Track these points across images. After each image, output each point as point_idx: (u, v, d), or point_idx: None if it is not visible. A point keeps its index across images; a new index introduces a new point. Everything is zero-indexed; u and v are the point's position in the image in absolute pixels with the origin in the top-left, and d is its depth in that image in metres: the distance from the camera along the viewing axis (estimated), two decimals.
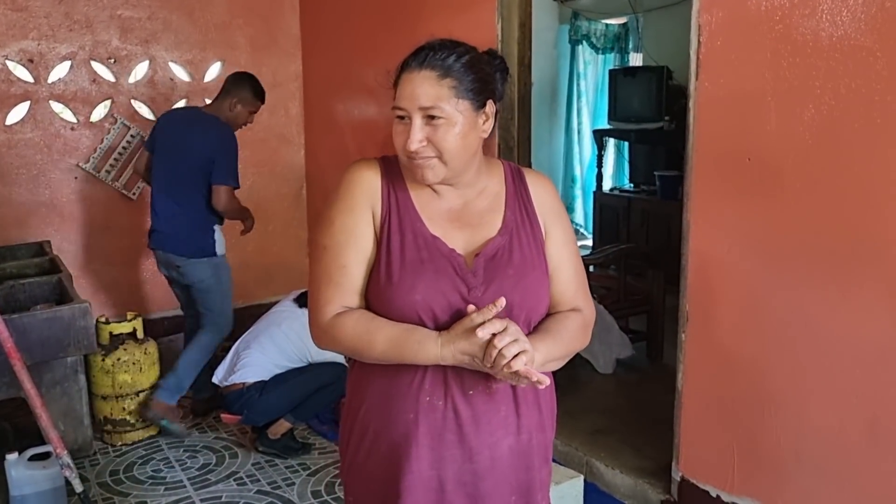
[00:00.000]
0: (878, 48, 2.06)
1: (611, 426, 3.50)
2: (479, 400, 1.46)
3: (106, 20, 4.36)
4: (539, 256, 1.52)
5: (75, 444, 3.42)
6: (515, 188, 1.57)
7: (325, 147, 4.94)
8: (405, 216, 1.48)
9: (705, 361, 2.66)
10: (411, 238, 1.46)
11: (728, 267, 2.54)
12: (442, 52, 1.43)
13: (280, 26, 4.93)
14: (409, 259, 1.44)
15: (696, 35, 2.52)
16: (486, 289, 1.44)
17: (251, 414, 3.45)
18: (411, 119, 1.41)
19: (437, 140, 1.40)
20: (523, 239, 1.51)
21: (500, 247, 1.49)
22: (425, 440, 1.45)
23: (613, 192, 6.99)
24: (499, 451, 1.49)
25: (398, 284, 1.42)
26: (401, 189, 1.50)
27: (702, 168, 2.58)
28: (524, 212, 1.55)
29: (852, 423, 2.25)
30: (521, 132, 3.42)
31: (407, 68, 1.43)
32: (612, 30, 7.93)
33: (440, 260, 1.45)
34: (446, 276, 1.43)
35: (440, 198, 1.51)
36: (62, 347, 3.24)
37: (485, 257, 1.47)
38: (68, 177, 4.38)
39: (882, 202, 2.12)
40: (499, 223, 1.52)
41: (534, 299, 1.49)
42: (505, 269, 1.46)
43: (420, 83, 1.40)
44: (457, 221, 1.51)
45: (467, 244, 1.49)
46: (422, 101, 1.40)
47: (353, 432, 1.56)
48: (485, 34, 3.39)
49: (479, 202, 1.53)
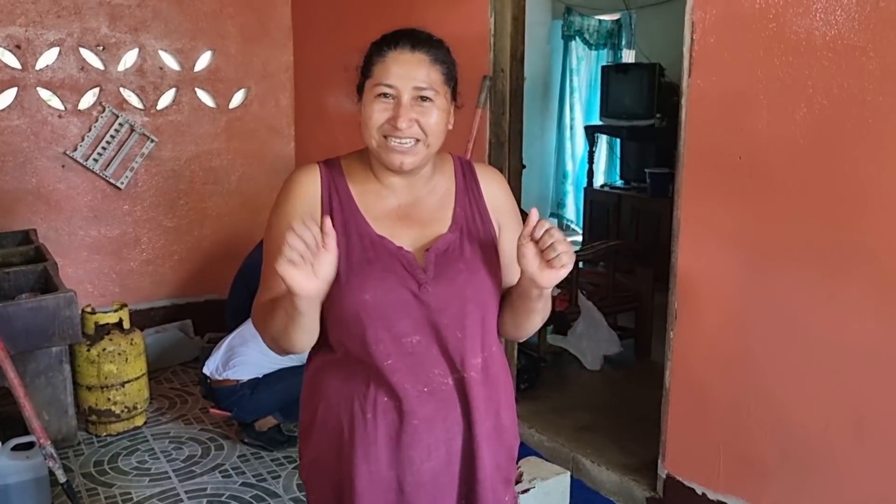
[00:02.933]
0: (872, 48, 2.06)
1: (597, 423, 3.50)
2: (434, 398, 1.45)
3: (95, 7, 4.31)
4: (491, 251, 1.51)
5: (59, 434, 3.40)
6: (466, 183, 1.55)
7: (315, 139, 4.92)
8: (349, 218, 1.46)
9: (693, 359, 2.66)
10: (357, 239, 1.44)
11: (717, 265, 2.54)
12: (429, 39, 1.45)
13: (271, 16, 4.90)
14: (356, 260, 1.42)
15: (690, 32, 2.51)
16: (438, 285, 1.42)
17: (241, 412, 3.43)
18: (398, 98, 1.40)
19: (425, 122, 1.41)
20: (474, 234, 1.50)
21: (450, 242, 1.47)
22: (383, 440, 1.44)
23: (604, 188, 6.99)
24: (455, 447, 1.48)
25: (346, 285, 1.40)
26: (343, 191, 1.48)
27: (693, 166, 2.58)
28: (475, 207, 1.53)
29: (838, 423, 2.26)
30: (513, 127, 3.41)
31: (396, 48, 1.42)
32: (605, 26, 7.93)
33: (388, 258, 1.43)
34: (395, 274, 1.41)
35: (388, 195, 1.50)
36: (47, 337, 3.21)
37: (435, 252, 1.45)
38: (55, 164, 4.33)
39: (872, 203, 2.12)
40: (449, 219, 1.50)
41: (487, 294, 1.48)
42: (456, 265, 1.45)
43: (416, 64, 1.41)
44: (405, 219, 1.49)
45: (416, 241, 1.47)
46: (418, 80, 1.40)
47: (311, 432, 1.54)
48: (477, 28, 3.37)
49: (429, 198, 1.52)
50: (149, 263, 4.68)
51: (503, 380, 1.57)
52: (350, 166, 1.52)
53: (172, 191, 4.70)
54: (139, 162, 4.53)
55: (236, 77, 4.82)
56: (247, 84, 4.86)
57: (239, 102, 4.85)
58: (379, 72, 1.42)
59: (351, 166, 1.52)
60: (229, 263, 4.32)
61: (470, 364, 1.46)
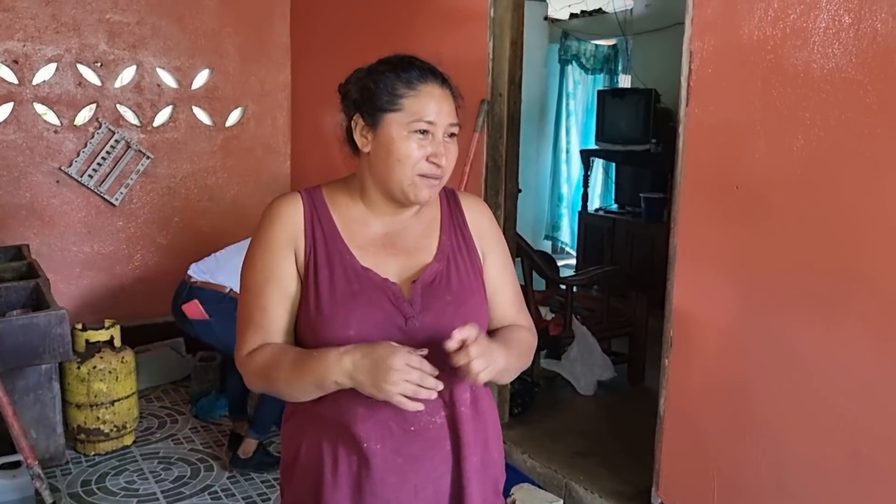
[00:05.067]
0: (869, 82, 2.07)
1: (591, 449, 3.48)
2: (420, 437, 1.40)
3: (94, 24, 4.32)
4: (477, 281, 1.49)
5: (47, 452, 3.36)
6: (451, 212, 1.54)
7: (311, 158, 4.92)
8: (333, 249, 1.42)
9: (688, 387, 2.65)
10: (341, 271, 1.40)
11: (713, 294, 2.54)
12: (443, 73, 1.45)
13: (270, 35, 4.92)
14: (340, 292, 1.38)
15: (688, 62, 2.52)
16: (424, 318, 1.39)
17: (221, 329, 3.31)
18: (434, 134, 1.39)
19: (448, 158, 1.41)
20: (460, 264, 1.48)
21: (437, 273, 1.44)
22: (366, 482, 1.38)
23: (598, 212, 7.00)
24: (443, 485, 1.44)
25: (330, 319, 1.37)
26: (326, 221, 1.44)
27: (690, 194, 2.58)
28: (460, 236, 1.51)
29: (834, 455, 2.25)
30: (510, 151, 3.41)
31: (426, 82, 1.40)
32: (602, 51, 7.97)
33: (374, 291, 1.39)
34: (380, 308, 1.38)
35: (373, 223, 1.47)
36: (37, 355, 3.18)
37: (422, 284, 1.42)
38: (50, 180, 4.33)
39: (868, 236, 2.12)
40: (434, 248, 1.48)
41: None
42: (443, 296, 1.42)
43: (446, 99, 1.41)
44: (391, 248, 1.46)
45: (402, 271, 1.44)
46: (451, 117, 1.41)
47: (293, 473, 1.48)
48: (476, 52, 3.38)
49: (415, 227, 1.49)
50: (142, 281, 4.66)
51: (490, 413, 1.53)
52: (333, 195, 1.49)
53: (167, 208, 4.69)
54: (134, 178, 4.52)
55: (233, 95, 4.83)
56: (244, 102, 4.87)
57: (236, 121, 4.86)
58: (414, 107, 1.38)
59: (334, 195, 1.49)
60: None
61: (460, 399, 1.43)
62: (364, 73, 1.45)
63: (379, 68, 1.43)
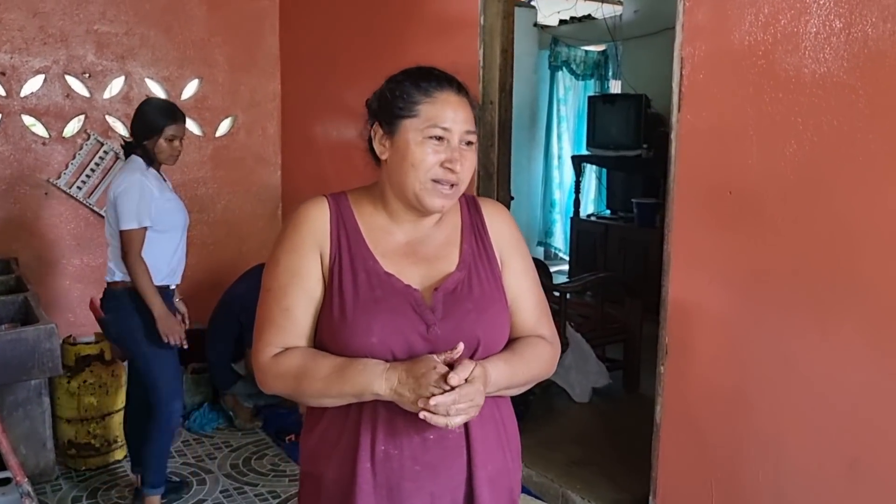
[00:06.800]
0: (861, 86, 2.07)
1: (587, 457, 3.46)
2: (438, 445, 1.40)
3: (82, 35, 4.29)
4: (498, 290, 1.48)
5: (37, 468, 3.33)
6: (471, 220, 1.53)
7: (302, 168, 4.89)
8: (356, 254, 1.43)
9: (684, 395, 2.63)
10: (364, 277, 1.40)
11: (708, 300, 2.52)
12: (460, 82, 1.45)
13: (259, 45, 4.89)
14: (363, 298, 1.38)
15: (679, 68, 2.51)
16: (446, 326, 1.39)
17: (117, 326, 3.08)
18: (450, 141, 1.39)
19: (467, 166, 1.41)
20: (482, 272, 1.47)
21: (459, 281, 1.44)
22: (382, 491, 1.38)
23: (591, 218, 7.00)
24: (460, 494, 1.43)
25: (353, 324, 1.36)
26: (351, 227, 1.45)
27: (683, 200, 2.57)
28: (481, 244, 1.51)
29: (832, 463, 2.23)
30: (502, 159, 3.40)
31: (442, 89, 1.41)
32: (592, 56, 7.99)
33: (396, 297, 1.39)
34: (403, 315, 1.38)
35: (396, 232, 1.47)
36: (25, 370, 3.14)
37: (444, 292, 1.42)
38: (38, 192, 4.29)
39: (863, 240, 2.11)
40: (456, 257, 1.48)
41: (495, 334, 1.45)
42: (464, 304, 1.42)
43: (462, 107, 1.42)
44: (412, 256, 1.46)
45: (424, 279, 1.44)
46: (467, 124, 1.41)
47: (310, 484, 1.48)
48: (467, 59, 3.37)
49: (436, 235, 1.49)
50: None
51: (510, 421, 1.53)
52: (358, 202, 1.49)
53: None
54: None
55: (223, 105, 4.80)
56: (234, 112, 4.84)
57: (226, 131, 4.83)
58: (430, 113, 1.39)
59: (358, 202, 1.49)
60: (214, 293, 4.27)
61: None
62: (384, 83, 1.47)
63: (397, 77, 1.45)
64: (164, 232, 3.04)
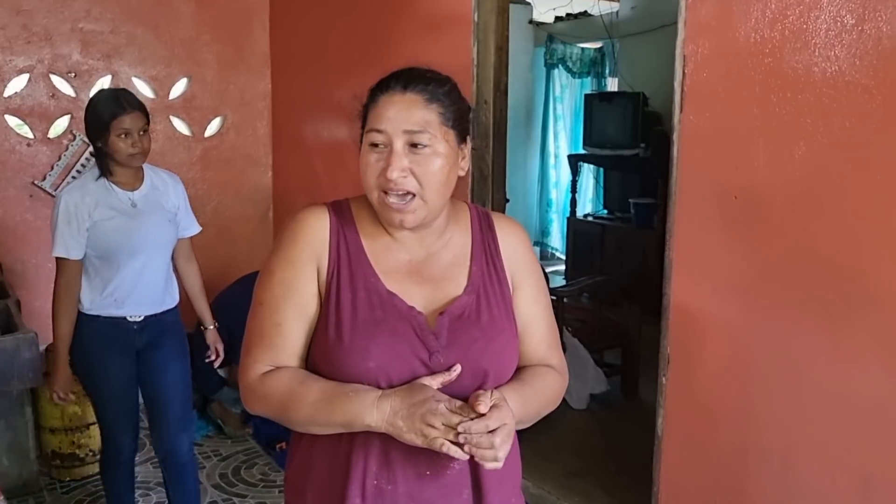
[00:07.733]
0: (874, 85, 1.97)
1: (585, 467, 3.37)
2: (437, 482, 1.28)
3: (66, 33, 4.18)
4: (507, 317, 1.36)
5: (20, 480, 3.24)
6: (483, 238, 1.41)
7: (293, 169, 4.80)
8: (357, 270, 1.31)
9: (687, 406, 2.54)
10: (364, 295, 1.29)
11: (712, 309, 2.43)
12: (424, 77, 1.30)
13: (249, 44, 4.79)
14: (362, 318, 1.27)
15: (681, 66, 2.42)
16: (450, 354, 1.26)
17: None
18: (390, 146, 1.25)
19: (421, 172, 1.25)
20: (491, 297, 1.35)
21: (466, 306, 1.32)
22: None
23: (587, 218, 6.91)
24: None
25: (349, 347, 1.25)
26: (353, 239, 1.33)
27: (685, 204, 2.47)
28: (492, 265, 1.38)
29: (844, 479, 2.14)
30: (497, 160, 3.30)
31: (387, 90, 1.28)
32: (589, 54, 7.90)
33: (398, 320, 1.27)
34: (404, 339, 1.26)
35: (399, 248, 1.35)
36: (5, 381, 3.03)
37: (450, 317, 1.30)
38: (23, 194, 4.18)
39: (876, 247, 2.02)
40: (464, 279, 1.35)
41: (503, 365, 1.33)
42: (471, 332, 1.30)
43: (406, 105, 1.26)
44: (417, 275, 1.34)
45: (428, 301, 1.31)
46: (408, 123, 1.25)
47: None
48: (460, 58, 3.27)
49: (444, 254, 1.37)
50: None
51: (513, 457, 1.38)
52: (360, 213, 1.37)
53: None
54: None
55: (212, 105, 4.70)
56: (223, 112, 4.74)
57: (215, 131, 4.73)
58: (371, 118, 1.29)
59: (361, 213, 1.37)
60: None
61: None
62: None
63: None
64: (107, 259, 2.71)
